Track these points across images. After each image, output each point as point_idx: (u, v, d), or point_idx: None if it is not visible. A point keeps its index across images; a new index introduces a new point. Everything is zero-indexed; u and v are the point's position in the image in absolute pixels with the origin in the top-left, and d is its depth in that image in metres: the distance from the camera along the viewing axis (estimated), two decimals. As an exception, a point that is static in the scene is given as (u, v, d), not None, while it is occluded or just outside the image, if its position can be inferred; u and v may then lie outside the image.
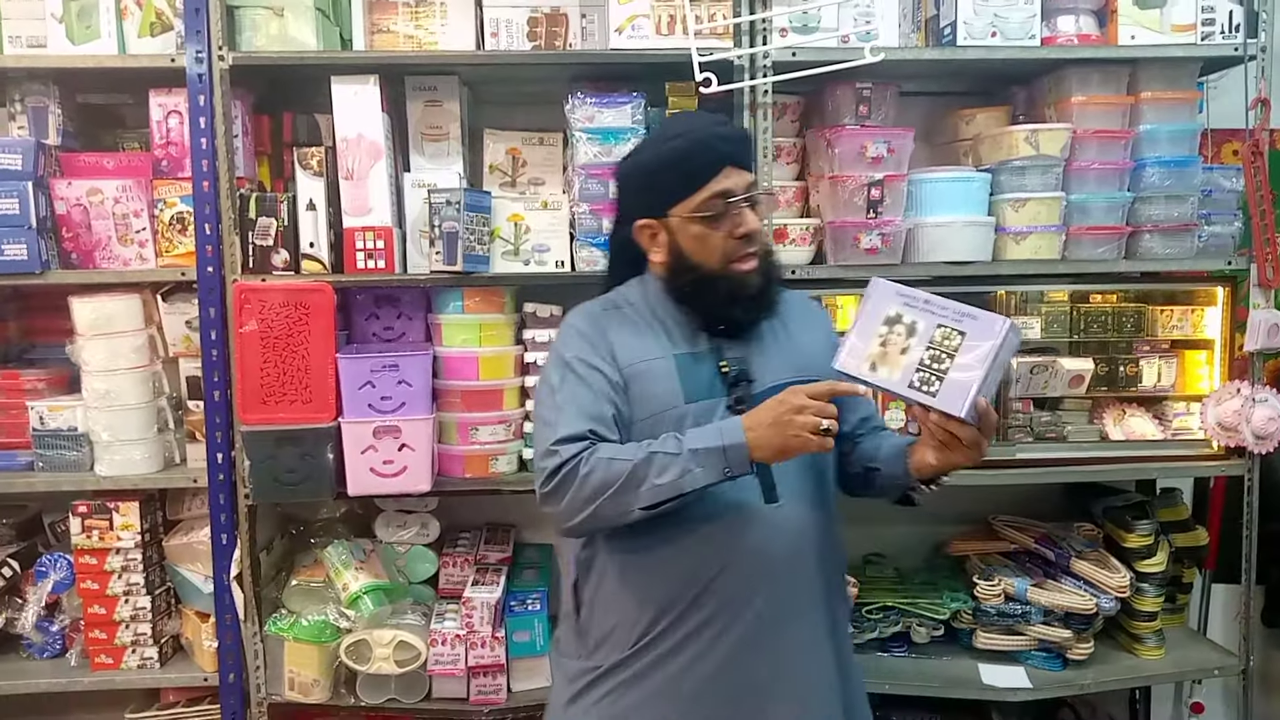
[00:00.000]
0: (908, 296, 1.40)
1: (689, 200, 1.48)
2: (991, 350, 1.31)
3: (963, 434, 1.36)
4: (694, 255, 1.50)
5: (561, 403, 1.47)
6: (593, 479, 1.38)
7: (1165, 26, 2.31)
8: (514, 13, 2.28)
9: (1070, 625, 2.40)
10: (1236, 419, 2.35)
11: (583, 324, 1.55)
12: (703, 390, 1.49)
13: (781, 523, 1.48)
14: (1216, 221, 2.41)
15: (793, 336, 1.58)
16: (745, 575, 1.46)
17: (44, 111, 2.34)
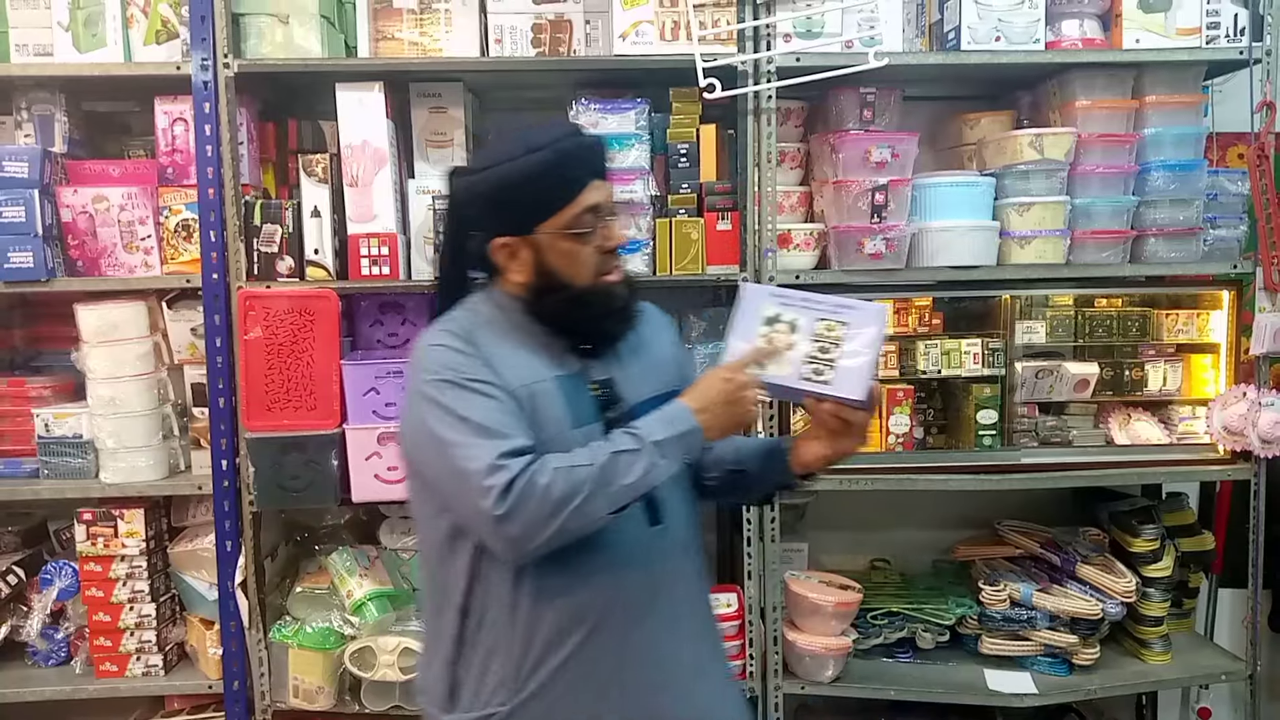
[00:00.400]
0: (781, 296, 1.43)
1: (558, 217, 1.38)
2: (876, 335, 1.38)
3: (855, 418, 1.39)
4: (563, 273, 1.40)
5: (479, 420, 1.32)
6: (555, 490, 1.27)
7: (1170, 30, 2.31)
8: (518, 19, 2.28)
9: (1076, 630, 2.39)
10: (1242, 423, 2.34)
11: (456, 344, 1.39)
12: (585, 414, 1.41)
13: (666, 544, 1.45)
14: (1222, 225, 2.40)
15: (648, 347, 1.53)
16: (637, 602, 1.42)
17: (50, 119, 2.35)
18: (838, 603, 2.33)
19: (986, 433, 2.40)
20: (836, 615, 2.34)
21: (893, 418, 2.40)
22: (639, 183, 2.27)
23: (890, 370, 2.43)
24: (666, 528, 1.44)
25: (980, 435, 2.40)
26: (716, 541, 2.78)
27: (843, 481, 2.35)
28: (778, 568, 2.37)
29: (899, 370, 2.43)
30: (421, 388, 1.37)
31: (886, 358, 2.42)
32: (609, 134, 2.26)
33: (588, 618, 1.39)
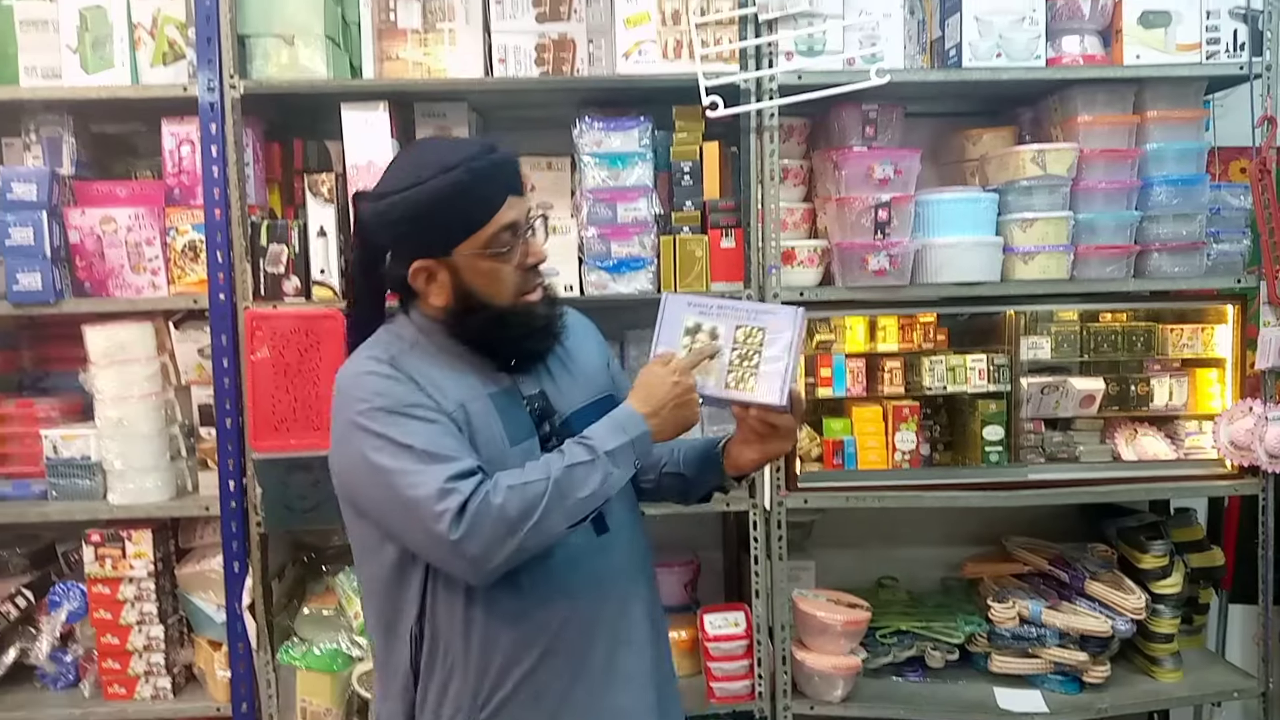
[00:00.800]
0: (700, 305, 1.44)
1: (476, 237, 1.35)
2: (792, 339, 1.39)
3: (781, 421, 1.41)
4: (483, 293, 1.38)
5: (422, 446, 1.29)
6: (510, 509, 1.26)
7: (1170, 46, 2.32)
8: (522, 39, 2.30)
9: (1086, 648, 2.38)
10: (1249, 438, 2.34)
11: (385, 370, 1.36)
12: (522, 431, 1.40)
13: (614, 552, 1.45)
14: (1225, 239, 2.40)
15: (574, 357, 1.53)
16: (589, 612, 1.42)
17: (58, 141, 2.36)
18: (846, 621, 2.32)
19: (993, 449, 2.40)
20: (845, 634, 2.33)
21: (899, 434, 2.40)
22: (643, 200, 2.28)
23: (896, 386, 2.43)
24: (613, 534, 1.45)
25: (987, 452, 2.40)
26: (723, 559, 2.78)
27: (849, 499, 2.35)
28: (785, 586, 2.36)
29: (904, 386, 2.43)
30: (353, 419, 1.33)
31: (892, 374, 2.43)
32: (611, 153, 2.28)
33: (542, 635, 1.39)
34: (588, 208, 2.27)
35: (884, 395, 2.44)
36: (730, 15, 2.24)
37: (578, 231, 2.31)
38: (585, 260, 2.29)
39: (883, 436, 2.42)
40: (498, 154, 1.38)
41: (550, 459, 1.33)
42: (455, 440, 1.33)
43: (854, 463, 2.41)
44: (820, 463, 2.42)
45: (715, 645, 2.33)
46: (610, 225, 2.27)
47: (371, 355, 1.40)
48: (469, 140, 1.52)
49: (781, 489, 2.32)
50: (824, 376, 2.40)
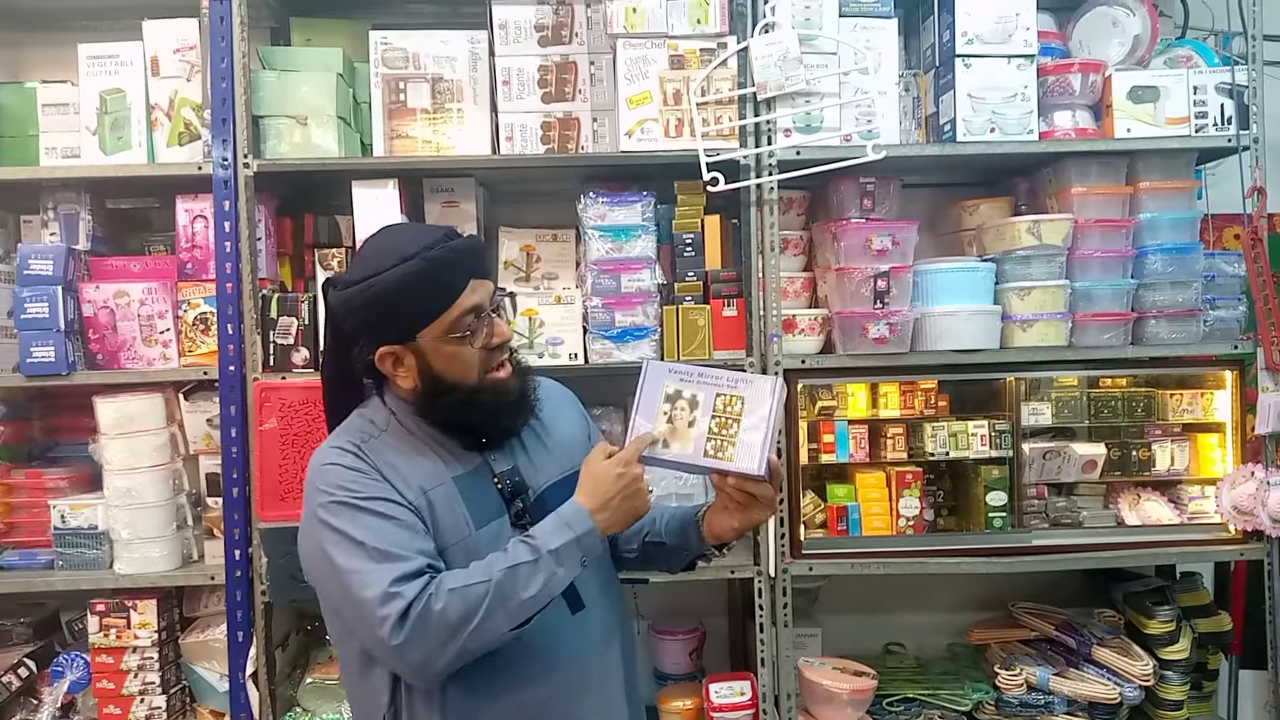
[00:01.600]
0: (681, 372, 1.44)
1: (439, 322, 1.38)
2: (771, 409, 1.39)
3: (760, 491, 1.40)
4: (449, 375, 1.40)
5: (373, 544, 1.31)
6: (451, 613, 1.27)
7: (1160, 119, 2.38)
8: (528, 118, 2.37)
9: (1095, 715, 2.36)
10: (1252, 502, 2.34)
11: (350, 461, 1.38)
12: (490, 511, 1.42)
13: (590, 628, 1.45)
14: (1221, 305, 2.44)
15: (550, 430, 1.55)
16: (570, 692, 1.42)
17: (75, 218, 2.43)
18: (853, 690, 2.31)
19: (997, 514, 2.40)
20: (852, 703, 2.32)
21: (902, 500, 2.41)
22: (646, 272, 2.33)
23: (899, 452, 2.44)
24: (588, 610, 1.45)
25: (991, 517, 2.40)
26: (728, 627, 2.77)
27: (855, 565, 2.35)
28: (791, 654, 2.35)
29: (907, 452, 2.45)
30: (316, 510, 1.35)
31: (895, 440, 2.44)
32: (615, 226, 2.33)
33: (522, 714, 1.39)
34: (592, 278, 2.32)
35: (887, 461, 2.45)
36: (730, 95, 2.30)
37: (582, 301, 2.35)
38: (590, 329, 2.33)
39: (886, 502, 2.43)
40: (457, 241, 1.42)
41: (494, 559, 1.32)
42: (409, 535, 1.34)
43: (858, 529, 2.41)
44: (824, 529, 2.43)
45: (721, 715, 2.31)
46: (614, 295, 2.31)
47: (338, 444, 1.42)
48: (430, 228, 1.54)
49: (786, 556, 2.32)
50: (827, 443, 2.42)
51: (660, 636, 2.58)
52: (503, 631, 1.30)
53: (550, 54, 2.36)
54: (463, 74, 2.36)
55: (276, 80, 2.31)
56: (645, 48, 2.31)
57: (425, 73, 2.35)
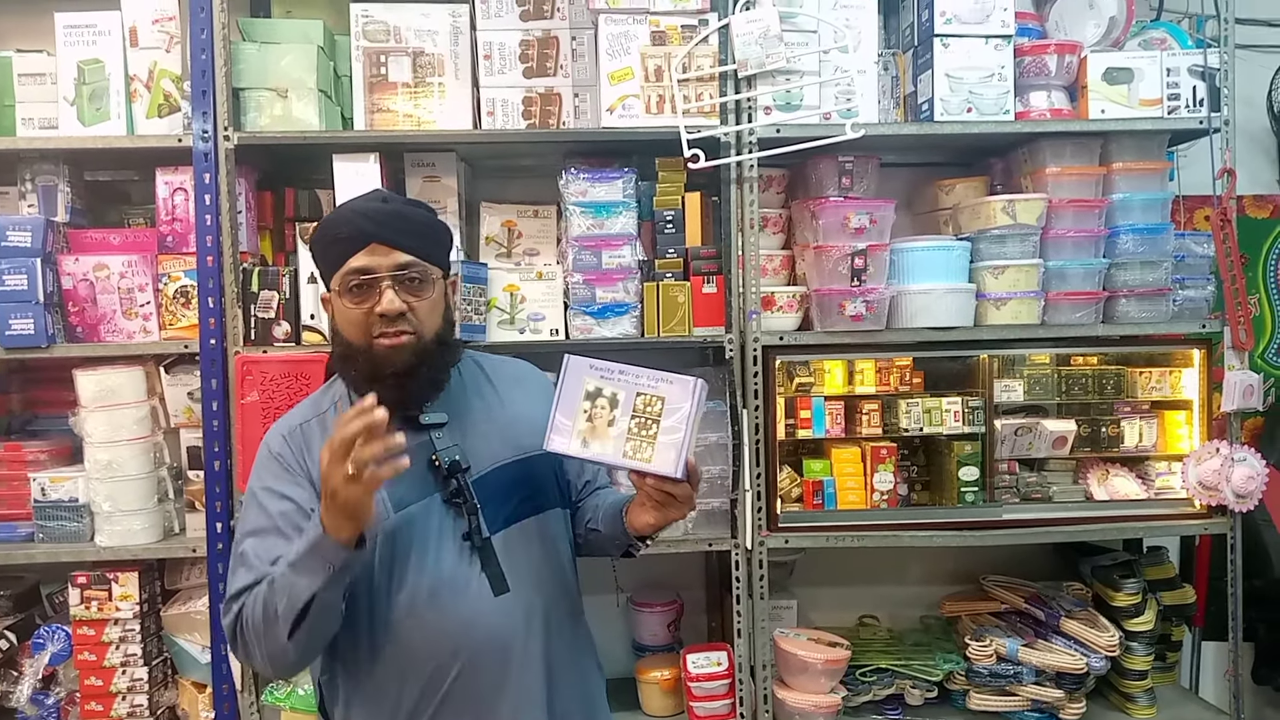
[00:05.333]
0: (602, 369, 1.43)
1: (336, 275, 1.45)
2: (691, 410, 1.38)
3: (677, 491, 1.40)
4: (342, 329, 1.47)
5: (245, 547, 1.41)
6: (253, 625, 1.34)
7: (1133, 101, 2.42)
8: (509, 93, 2.37)
9: (1062, 685, 2.42)
10: (1217, 478, 2.40)
11: (276, 444, 1.47)
12: (412, 492, 1.43)
13: (515, 611, 1.46)
14: (1190, 286, 2.48)
15: (507, 408, 1.56)
16: (484, 672, 1.44)
17: (53, 190, 2.41)
18: (827, 660, 2.35)
19: (969, 489, 2.45)
20: (826, 672, 2.36)
21: (877, 475, 2.45)
22: (627, 248, 2.35)
23: (874, 428, 2.48)
24: (513, 595, 1.46)
25: (963, 492, 2.45)
26: (705, 599, 2.81)
27: (830, 538, 2.39)
28: (767, 625, 2.39)
29: (882, 428, 2.49)
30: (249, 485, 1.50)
31: (870, 416, 2.48)
32: (596, 202, 2.34)
33: (436, 688, 1.43)
34: (573, 254, 2.33)
35: (862, 436, 2.49)
36: (711, 72, 2.32)
37: (563, 277, 2.37)
38: (570, 305, 2.35)
39: (861, 477, 2.47)
40: (373, 204, 1.48)
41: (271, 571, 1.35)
42: (277, 542, 1.39)
43: (833, 503, 2.45)
44: (800, 503, 2.46)
45: (698, 685, 2.36)
46: (595, 271, 2.33)
47: (279, 427, 1.53)
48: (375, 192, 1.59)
49: (763, 529, 2.36)
50: (804, 418, 2.46)
51: (639, 609, 2.62)
52: (284, 639, 1.31)
53: (532, 28, 2.37)
54: (444, 48, 2.36)
55: (257, 52, 2.30)
56: (627, 23, 2.32)
57: (406, 46, 2.35)
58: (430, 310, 1.47)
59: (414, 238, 1.46)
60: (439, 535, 1.45)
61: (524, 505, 1.52)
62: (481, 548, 1.45)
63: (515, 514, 1.51)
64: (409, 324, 1.43)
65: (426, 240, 1.49)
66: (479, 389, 1.59)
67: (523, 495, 1.52)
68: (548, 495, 1.58)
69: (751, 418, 2.33)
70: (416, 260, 1.45)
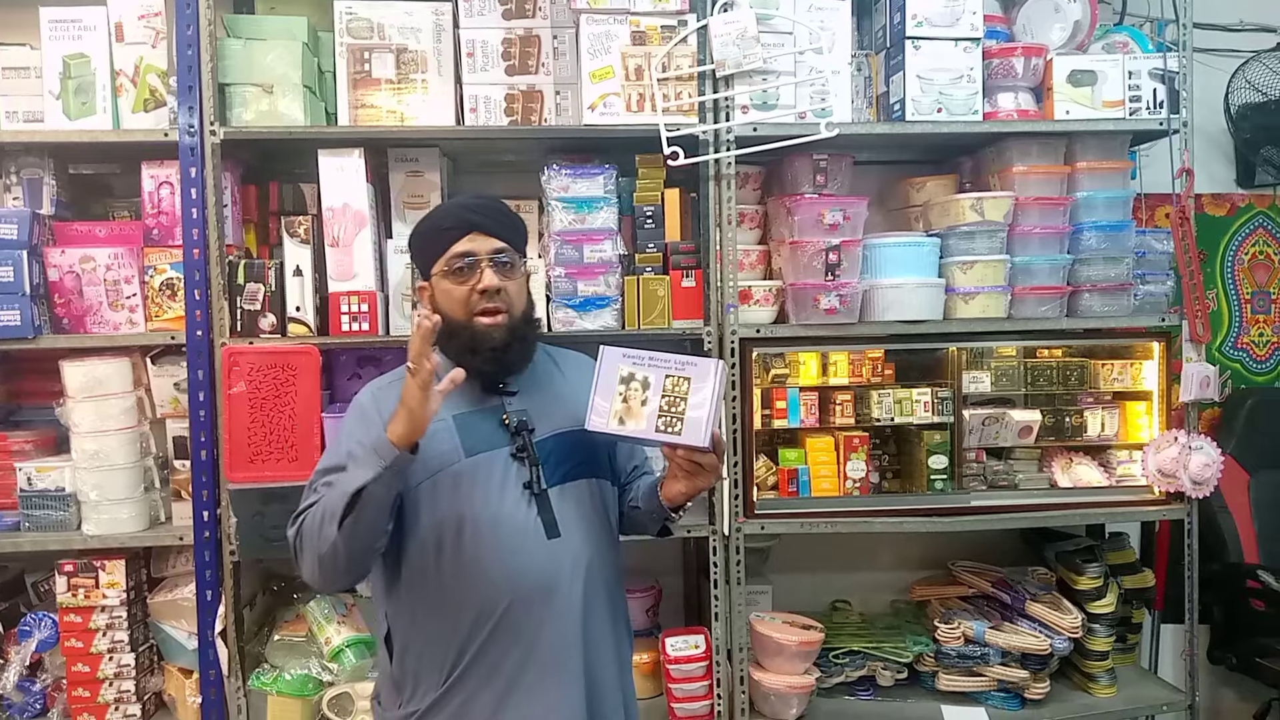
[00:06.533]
0: (634, 357, 1.59)
1: (439, 260, 1.65)
2: (714, 388, 1.54)
3: (705, 460, 1.57)
4: (445, 308, 1.64)
5: (316, 479, 1.61)
6: (310, 529, 1.52)
7: (1097, 102, 2.50)
8: (492, 90, 2.41)
9: (1027, 665, 2.51)
10: (1175, 466, 2.50)
11: (365, 399, 1.68)
12: (483, 443, 1.62)
13: (563, 555, 1.61)
14: (1151, 281, 2.57)
15: (570, 388, 1.73)
16: (532, 605, 1.58)
17: (39, 183, 2.43)
18: (801, 642, 2.43)
19: (938, 477, 2.53)
20: (800, 654, 2.44)
21: (850, 463, 2.53)
22: (608, 243, 2.40)
23: (847, 418, 2.56)
24: (563, 541, 1.62)
25: (932, 479, 2.53)
26: (683, 585, 2.88)
27: (804, 524, 2.46)
28: (744, 609, 2.46)
29: (855, 418, 2.56)
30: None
31: (843, 406, 2.55)
32: (578, 197, 2.40)
33: (487, 618, 1.57)
34: (555, 249, 2.38)
35: (835, 426, 2.57)
36: (690, 72, 2.38)
37: (545, 271, 2.41)
38: (553, 299, 2.40)
39: (835, 465, 2.54)
40: (473, 199, 1.75)
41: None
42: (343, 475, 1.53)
43: (808, 490, 2.53)
44: (776, 490, 2.54)
45: (676, 667, 2.42)
46: (577, 265, 2.38)
47: (376, 383, 1.74)
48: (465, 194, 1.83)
49: (739, 515, 2.43)
50: (779, 408, 2.53)
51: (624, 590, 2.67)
52: (332, 535, 1.47)
53: (514, 27, 2.41)
54: (427, 45, 2.40)
55: (242, 48, 2.33)
56: (608, 23, 2.37)
57: (390, 43, 2.39)
58: (518, 291, 1.68)
59: (506, 229, 1.68)
60: (503, 481, 1.61)
61: (579, 468, 1.69)
62: (539, 495, 1.62)
63: (571, 474, 1.67)
64: (503, 301, 1.64)
65: (514, 232, 1.70)
66: (548, 370, 1.79)
67: (578, 460, 1.69)
68: (601, 466, 1.75)
69: (729, 408, 2.40)
70: (508, 247, 1.66)
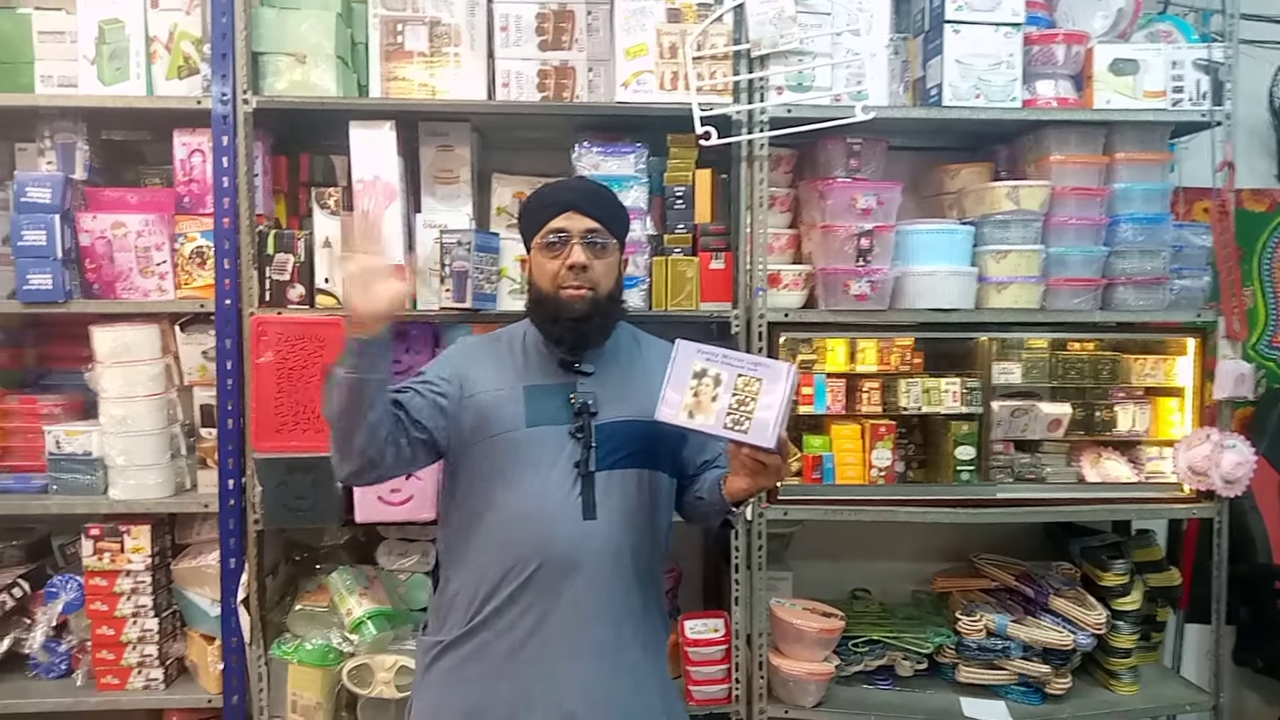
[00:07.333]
0: (708, 353, 1.61)
1: (537, 235, 1.75)
2: (785, 390, 1.55)
3: (769, 460, 1.59)
4: (537, 280, 1.76)
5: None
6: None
7: (1138, 92, 2.46)
8: (524, 65, 2.40)
9: (1049, 660, 2.49)
10: (1206, 464, 2.46)
11: (459, 349, 1.87)
12: (545, 417, 1.71)
13: (595, 537, 1.68)
14: (1187, 275, 2.53)
15: (647, 377, 1.74)
16: (558, 573, 1.66)
17: (72, 148, 2.44)
18: (821, 629, 2.42)
19: (964, 468, 2.51)
20: (820, 642, 2.43)
21: (875, 452, 2.51)
22: (637, 223, 2.38)
23: (873, 406, 2.53)
24: (598, 524, 1.68)
25: (958, 470, 2.51)
26: (702, 569, 2.87)
27: (828, 512, 2.45)
28: (763, 595, 2.45)
29: (882, 406, 2.54)
30: None
31: (870, 394, 2.53)
32: (608, 176, 2.37)
33: (516, 575, 1.67)
34: (584, 227, 2.37)
35: (862, 414, 2.55)
36: (725, 51, 2.35)
37: (573, 249, 2.40)
38: (580, 277, 2.38)
39: (860, 453, 2.52)
40: (572, 180, 1.96)
41: None
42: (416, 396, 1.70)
43: (832, 478, 2.51)
44: (800, 477, 2.52)
45: (695, 650, 2.42)
46: (615, 244, 2.37)
47: (474, 337, 1.96)
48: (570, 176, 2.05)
49: (762, 501, 2.42)
50: (805, 394, 2.51)
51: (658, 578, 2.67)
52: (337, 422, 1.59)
53: (548, 1, 2.39)
54: (460, 18, 2.38)
55: (276, 16, 2.33)
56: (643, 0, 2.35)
57: (423, 15, 2.37)
58: (606, 271, 1.74)
59: (601, 210, 1.75)
60: (556, 455, 1.70)
61: (632, 458, 1.73)
62: (585, 476, 1.69)
63: (623, 461, 1.72)
64: (589, 279, 1.71)
65: (610, 214, 1.77)
66: (630, 356, 1.83)
67: (634, 449, 1.73)
68: (659, 460, 1.78)
69: (754, 392, 2.38)
70: (601, 227, 1.74)
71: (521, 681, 1.67)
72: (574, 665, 1.67)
